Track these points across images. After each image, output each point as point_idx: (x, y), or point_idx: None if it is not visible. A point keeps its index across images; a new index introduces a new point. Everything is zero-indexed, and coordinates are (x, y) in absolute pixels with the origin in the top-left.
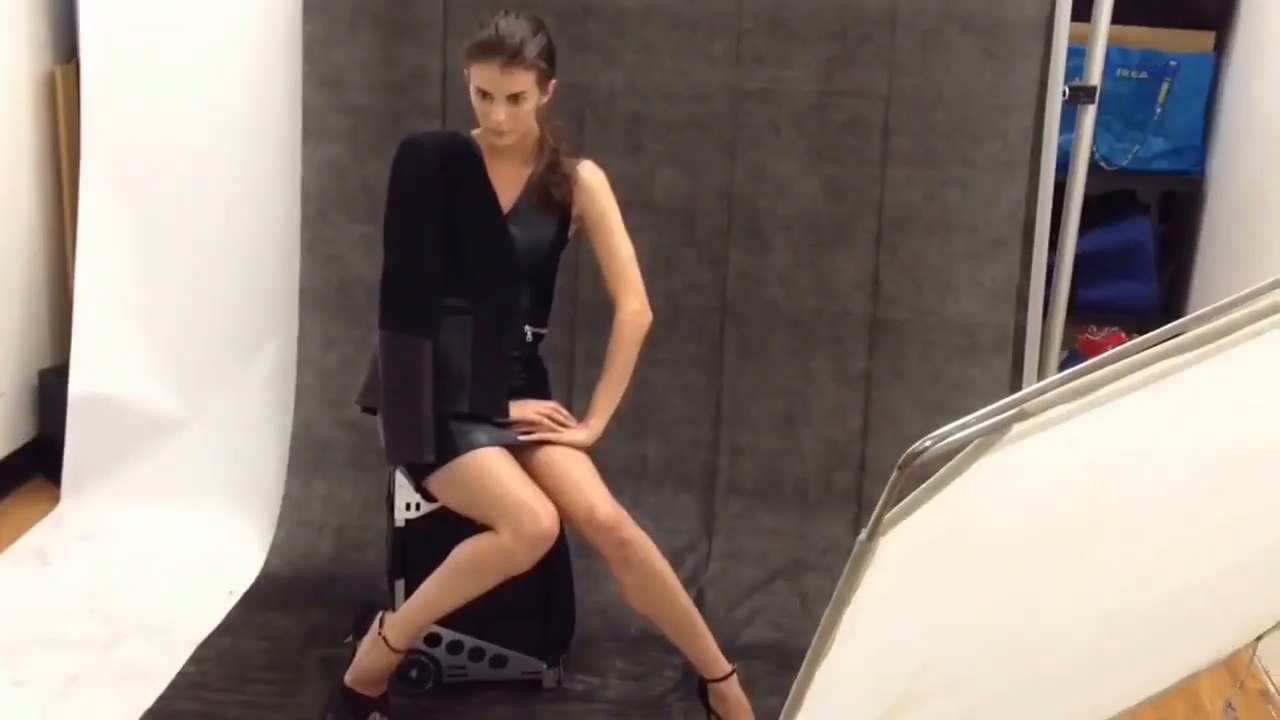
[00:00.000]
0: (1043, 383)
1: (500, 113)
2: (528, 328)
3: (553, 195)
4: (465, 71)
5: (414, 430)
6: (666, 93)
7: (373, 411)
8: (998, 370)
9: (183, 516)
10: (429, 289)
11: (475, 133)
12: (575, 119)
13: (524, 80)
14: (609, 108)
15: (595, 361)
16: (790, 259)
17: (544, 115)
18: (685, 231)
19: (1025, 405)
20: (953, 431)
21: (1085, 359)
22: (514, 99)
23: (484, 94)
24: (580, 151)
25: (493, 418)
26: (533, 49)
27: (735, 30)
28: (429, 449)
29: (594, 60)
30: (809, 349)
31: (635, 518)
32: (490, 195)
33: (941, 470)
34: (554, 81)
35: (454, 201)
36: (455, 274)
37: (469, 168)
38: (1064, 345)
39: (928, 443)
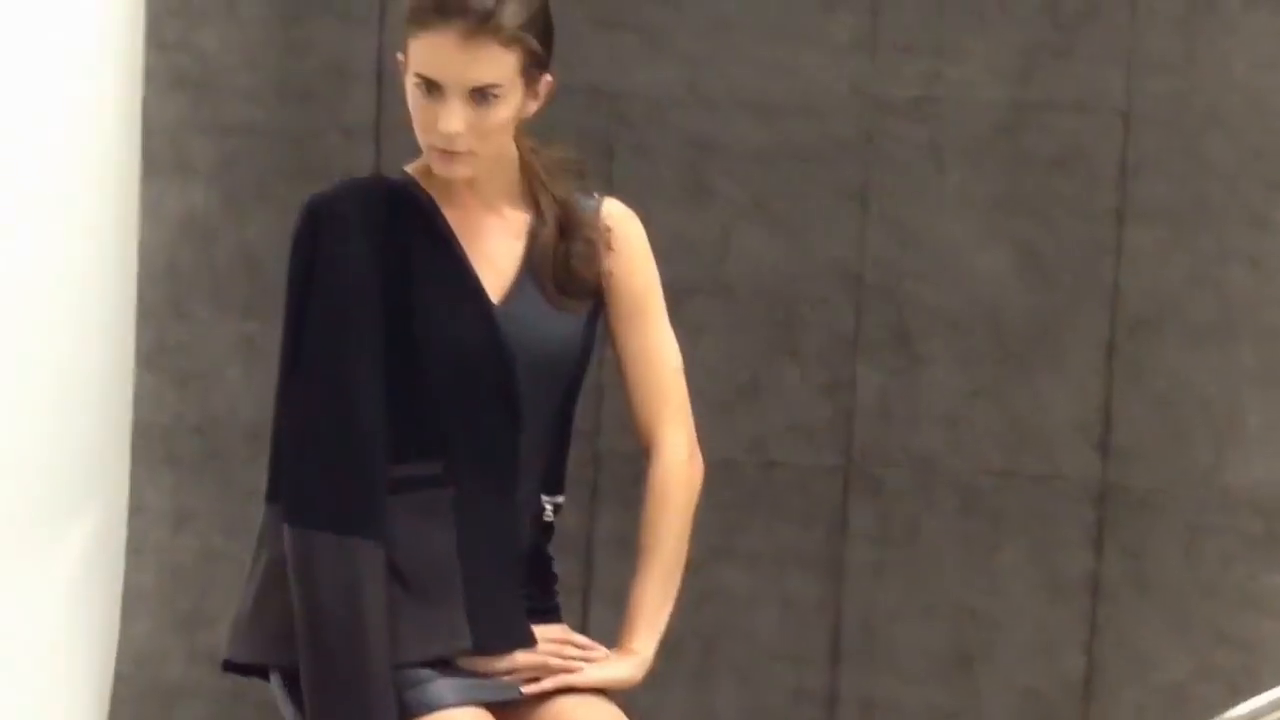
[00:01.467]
0: None
1: (455, 118)
2: (542, 497)
3: (575, 268)
4: (400, 55)
5: (358, 697)
6: (752, 102)
7: (259, 673)
8: None
9: None
10: (371, 448)
11: (411, 168)
12: (596, 145)
13: (499, 64)
14: (654, 126)
15: (626, 552)
16: (961, 383)
17: (525, 134)
18: (783, 335)
19: None
20: (1263, 711)
21: None
22: (480, 96)
23: (430, 86)
24: (593, 188)
25: (514, 650)
26: (515, 13)
27: None
28: None
29: (630, 45)
30: (993, 536)
31: None
32: (465, 277)
33: None
34: (549, 77)
35: (404, 292)
36: (415, 417)
37: (425, 233)
38: None
39: None
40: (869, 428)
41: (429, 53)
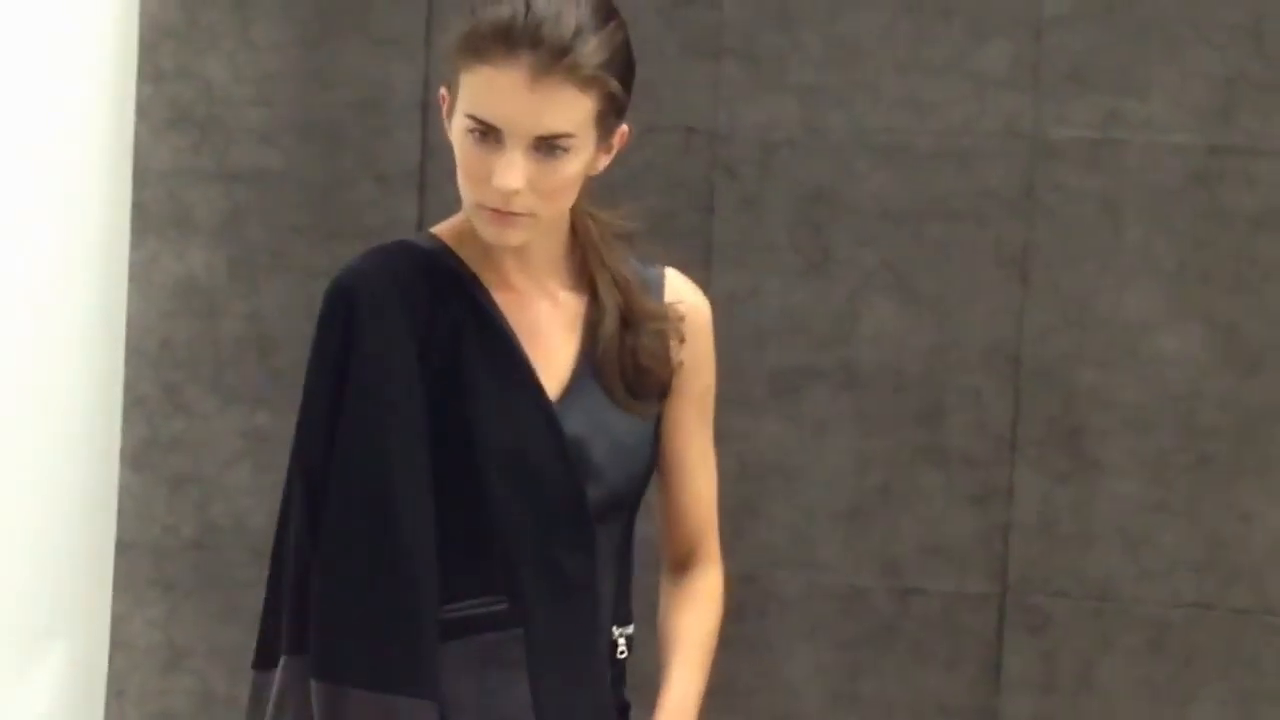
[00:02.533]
0: None
1: (515, 172)
2: (614, 629)
3: (645, 365)
4: (444, 90)
5: None
6: (884, 146)
7: None
8: None
9: None
10: (420, 583)
11: (442, 231)
12: (694, 197)
13: (573, 110)
14: (763, 175)
15: (723, 700)
16: (1147, 495)
17: (586, 197)
18: (923, 430)
19: None
20: None
21: None
22: (547, 147)
23: (485, 131)
24: (651, 256)
25: None
26: (597, 49)
27: (1033, 17)
28: None
29: (733, 78)
30: (1188, 682)
31: None
32: (523, 373)
33: None
34: (625, 127)
35: (454, 393)
36: (471, 544)
37: (474, 319)
38: None
39: None
40: (1031, 547)
41: (488, 91)
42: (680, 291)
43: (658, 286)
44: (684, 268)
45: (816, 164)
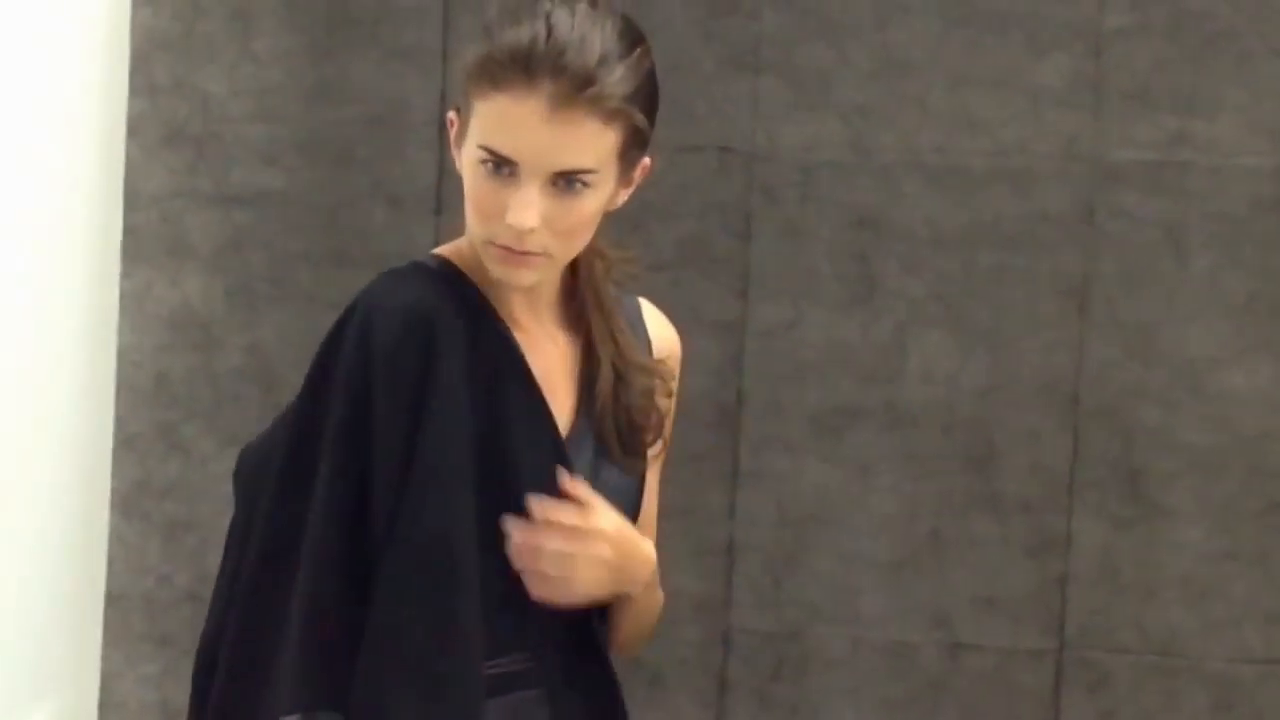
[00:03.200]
0: None
1: (530, 209)
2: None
3: (637, 422)
4: (452, 113)
5: None
6: (934, 168)
7: None
8: None
9: None
10: (475, 645)
11: (451, 254)
12: (729, 221)
13: (596, 144)
14: (804, 199)
15: None
16: (1215, 543)
17: (599, 232)
18: (975, 473)
19: None
20: None
21: None
22: (565, 183)
23: (500, 163)
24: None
25: None
26: (622, 80)
27: (1093, 31)
28: None
29: (773, 94)
30: None
31: None
32: (541, 417)
33: None
34: (647, 160)
35: (494, 438)
36: (504, 598)
37: (504, 356)
38: None
39: None
40: (1089, 600)
41: (504, 122)
42: (657, 328)
43: (637, 321)
44: (719, 297)
45: (861, 187)
